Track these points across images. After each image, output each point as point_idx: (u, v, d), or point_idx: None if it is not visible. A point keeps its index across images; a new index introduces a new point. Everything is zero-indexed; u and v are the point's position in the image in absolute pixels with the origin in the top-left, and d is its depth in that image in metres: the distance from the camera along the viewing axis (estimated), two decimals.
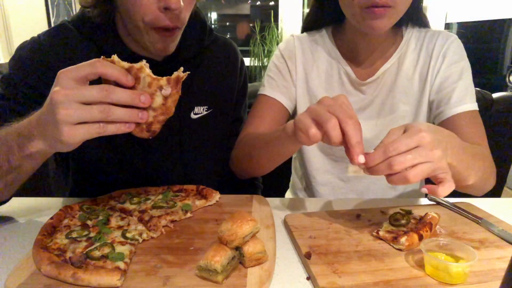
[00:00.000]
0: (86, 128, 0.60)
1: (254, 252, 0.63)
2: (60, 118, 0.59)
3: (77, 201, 0.84)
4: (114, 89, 0.61)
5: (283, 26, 4.94)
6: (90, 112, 0.60)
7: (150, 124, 0.66)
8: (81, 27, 0.92)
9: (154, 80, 0.64)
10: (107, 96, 0.60)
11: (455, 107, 0.97)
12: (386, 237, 0.72)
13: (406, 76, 1.04)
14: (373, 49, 1.03)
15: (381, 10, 0.86)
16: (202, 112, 1.03)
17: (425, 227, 0.72)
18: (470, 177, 0.82)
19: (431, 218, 0.75)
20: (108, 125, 0.62)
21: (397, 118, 1.05)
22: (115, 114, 0.61)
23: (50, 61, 0.89)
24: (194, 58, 1.01)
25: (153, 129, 0.67)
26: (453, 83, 1.00)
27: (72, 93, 0.59)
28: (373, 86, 1.05)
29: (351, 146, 0.67)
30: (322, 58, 1.08)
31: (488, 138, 0.99)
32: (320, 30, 1.11)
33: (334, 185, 1.14)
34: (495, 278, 0.61)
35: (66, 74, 0.61)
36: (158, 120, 0.66)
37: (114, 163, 0.98)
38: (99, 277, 0.58)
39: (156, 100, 0.64)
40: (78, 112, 0.59)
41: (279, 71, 1.10)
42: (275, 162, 0.96)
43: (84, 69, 0.61)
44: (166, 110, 0.66)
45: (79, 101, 0.59)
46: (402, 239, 0.69)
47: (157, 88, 0.64)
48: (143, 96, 0.63)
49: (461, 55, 1.02)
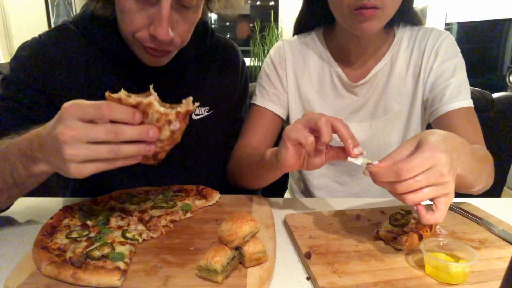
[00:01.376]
0: (93, 165, 0.60)
1: (254, 252, 0.63)
2: (67, 158, 0.58)
3: (77, 201, 0.84)
4: (122, 130, 0.59)
5: (283, 26, 4.94)
6: (98, 152, 0.59)
7: (156, 153, 0.66)
8: (82, 27, 0.92)
9: (162, 115, 0.62)
10: (115, 138, 0.59)
11: (449, 103, 0.95)
12: (386, 237, 0.72)
13: (399, 76, 1.03)
14: (364, 50, 1.02)
15: (370, 12, 0.85)
16: (204, 113, 1.03)
17: (425, 227, 0.72)
18: (478, 184, 0.82)
19: None
20: (117, 161, 0.61)
21: (391, 118, 1.05)
22: (123, 152, 0.60)
23: (51, 61, 0.88)
24: (195, 59, 1.01)
25: (158, 158, 0.67)
26: (446, 80, 0.98)
27: (79, 134, 0.57)
28: (365, 88, 1.05)
29: (345, 140, 0.68)
30: (313, 61, 1.08)
31: (488, 138, 0.98)
32: (311, 32, 1.11)
33: (331, 189, 1.14)
34: (495, 278, 0.61)
35: (71, 113, 0.58)
36: (164, 150, 0.67)
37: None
38: (99, 277, 0.57)
39: (163, 133, 0.64)
40: (86, 152, 0.58)
41: (269, 79, 1.10)
42: (263, 182, 0.96)
43: (91, 112, 0.58)
44: (173, 141, 0.66)
45: (86, 142, 0.58)
46: (402, 239, 0.69)
47: (165, 122, 0.63)
48: (151, 131, 0.61)
49: (453, 51, 1.01)
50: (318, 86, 1.08)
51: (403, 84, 1.03)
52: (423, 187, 0.60)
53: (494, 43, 3.80)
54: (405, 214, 0.78)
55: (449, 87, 0.97)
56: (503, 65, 3.67)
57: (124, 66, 0.92)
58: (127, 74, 0.93)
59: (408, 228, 0.73)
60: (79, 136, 0.57)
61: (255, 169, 0.92)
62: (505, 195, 1.81)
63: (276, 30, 4.85)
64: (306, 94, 1.08)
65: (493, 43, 3.81)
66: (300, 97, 1.09)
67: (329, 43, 1.07)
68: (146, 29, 0.77)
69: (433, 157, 0.59)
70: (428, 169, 0.59)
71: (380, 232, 0.73)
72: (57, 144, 0.58)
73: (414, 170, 0.59)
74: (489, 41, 3.85)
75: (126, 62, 0.92)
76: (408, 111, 1.05)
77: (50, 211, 0.79)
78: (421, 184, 0.60)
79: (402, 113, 1.05)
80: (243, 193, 0.96)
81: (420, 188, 0.60)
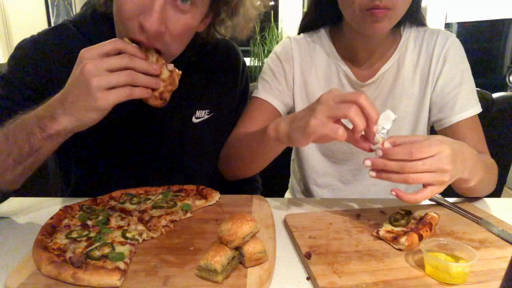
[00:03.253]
0: (117, 92, 0.68)
1: (254, 252, 0.63)
2: (94, 85, 0.66)
3: (77, 201, 0.84)
4: (134, 58, 0.71)
5: (283, 26, 4.93)
6: (119, 77, 0.68)
7: (161, 93, 0.77)
8: (81, 26, 0.91)
9: (159, 58, 0.78)
10: (130, 62, 0.69)
11: (458, 114, 0.99)
12: (386, 237, 0.72)
13: (406, 77, 1.03)
14: (372, 51, 1.02)
15: (382, 12, 0.85)
16: (204, 116, 1.03)
17: (425, 227, 0.72)
18: (483, 189, 0.92)
19: (431, 218, 0.75)
20: (134, 89, 0.70)
21: (399, 119, 1.05)
22: (139, 78, 0.70)
23: (49, 59, 0.88)
24: (196, 61, 1.00)
25: (164, 97, 0.77)
26: (455, 87, 1.00)
27: (101, 63, 0.67)
28: (373, 87, 1.05)
29: (371, 122, 0.71)
30: (320, 59, 1.08)
31: (488, 138, 0.99)
32: (318, 31, 1.10)
33: (334, 187, 1.14)
34: (495, 278, 0.61)
35: (90, 51, 0.69)
36: (167, 90, 0.78)
37: (115, 166, 0.98)
38: (99, 277, 0.57)
39: (163, 72, 0.77)
40: (109, 78, 0.67)
41: (273, 74, 1.09)
42: (259, 164, 0.96)
43: (107, 46, 0.70)
44: (173, 81, 0.78)
45: (107, 69, 0.67)
46: (402, 239, 0.69)
47: (162, 64, 0.77)
48: (155, 65, 0.74)
49: (461, 56, 1.02)
50: (325, 85, 1.07)
51: (411, 85, 1.04)
52: (426, 171, 0.69)
53: (494, 43, 3.79)
54: (405, 214, 0.78)
55: (458, 96, 1.00)
56: (503, 65, 3.67)
57: None
58: None
59: (408, 228, 0.73)
60: (101, 64, 0.67)
61: (255, 147, 0.92)
62: (505, 195, 1.81)
63: (276, 30, 4.84)
64: (313, 93, 1.08)
65: (493, 43, 3.81)
66: (307, 94, 1.09)
67: (336, 42, 1.06)
68: (136, 17, 0.75)
69: (439, 147, 0.70)
70: (434, 155, 0.69)
71: (380, 232, 0.73)
72: (82, 79, 0.66)
73: (424, 153, 0.69)
74: (489, 41, 3.85)
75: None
76: (415, 112, 1.05)
77: (50, 211, 0.79)
78: (425, 168, 0.69)
79: (409, 114, 1.05)
80: (243, 193, 0.96)
81: (423, 171, 0.69)
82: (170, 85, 0.78)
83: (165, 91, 0.78)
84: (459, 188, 0.88)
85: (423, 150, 0.69)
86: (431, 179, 0.70)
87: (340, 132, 0.70)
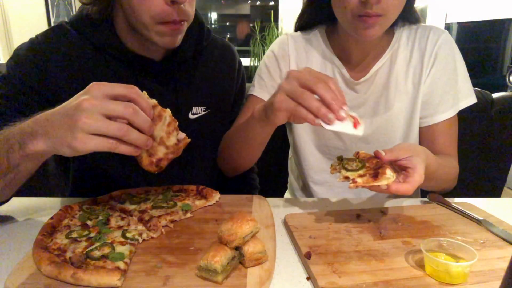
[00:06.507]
0: (99, 140, 0.62)
1: (254, 252, 0.63)
2: (80, 125, 0.60)
3: (77, 201, 0.84)
4: (139, 111, 0.64)
5: (283, 26, 4.93)
6: (108, 127, 0.62)
7: (160, 160, 0.71)
8: (78, 26, 0.92)
9: (173, 121, 0.72)
10: (132, 114, 0.63)
11: (437, 114, 1.03)
12: (365, 182, 0.71)
13: (399, 74, 1.04)
14: (365, 51, 1.04)
15: (373, 19, 0.87)
16: (200, 113, 1.04)
17: (371, 160, 0.75)
18: (438, 186, 0.99)
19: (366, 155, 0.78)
20: (121, 145, 0.64)
21: (393, 116, 1.06)
22: (131, 135, 0.64)
23: (47, 60, 0.89)
24: (192, 59, 1.01)
25: (161, 165, 0.72)
26: (441, 87, 1.02)
27: (99, 104, 0.61)
28: (366, 85, 1.06)
29: (328, 104, 0.71)
30: (315, 58, 1.09)
31: (488, 138, 0.99)
32: (314, 30, 1.11)
33: (330, 184, 1.14)
34: (495, 278, 0.61)
35: (100, 87, 0.63)
36: (167, 158, 0.73)
37: (114, 163, 0.98)
38: (99, 277, 0.58)
39: (171, 139, 0.71)
40: (99, 124, 0.61)
41: (269, 72, 1.10)
42: (252, 151, 0.98)
43: (119, 89, 0.64)
44: (177, 150, 0.73)
45: (103, 114, 0.61)
46: (386, 171, 0.71)
47: (174, 129, 0.72)
48: (165, 127, 0.71)
49: (452, 55, 1.03)
50: None
51: (404, 82, 1.04)
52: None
53: (494, 43, 3.79)
54: (354, 159, 0.79)
55: (444, 96, 1.02)
56: (503, 65, 3.67)
57: (120, 64, 0.93)
58: (124, 72, 0.93)
59: (377, 165, 0.74)
60: (99, 106, 0.61)
61: (244, 134, 0.95)
62: (505, 195, 1.81)
63: (276, 30, 4.84)
64: None
65: (493, 43, 3.81)
66: None
67: (332, 41, 1.08)
68: (162, 2, 0.79)
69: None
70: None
71: (357, 180, 0.72)
72: (75, 111, 0.61)
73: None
74: (489, 41, 3.85)
75: (123, 60, 0.92)
76: (410, 109, 1.05)
77: (50, 211, 0.79)
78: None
79: (403, 111, 1.05)
80: (240, 192, 0.96)
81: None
82: (172, 154, 0.73)
83: (165, 158, 0.72)
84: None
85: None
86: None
87: (299, 109, 0.72)
